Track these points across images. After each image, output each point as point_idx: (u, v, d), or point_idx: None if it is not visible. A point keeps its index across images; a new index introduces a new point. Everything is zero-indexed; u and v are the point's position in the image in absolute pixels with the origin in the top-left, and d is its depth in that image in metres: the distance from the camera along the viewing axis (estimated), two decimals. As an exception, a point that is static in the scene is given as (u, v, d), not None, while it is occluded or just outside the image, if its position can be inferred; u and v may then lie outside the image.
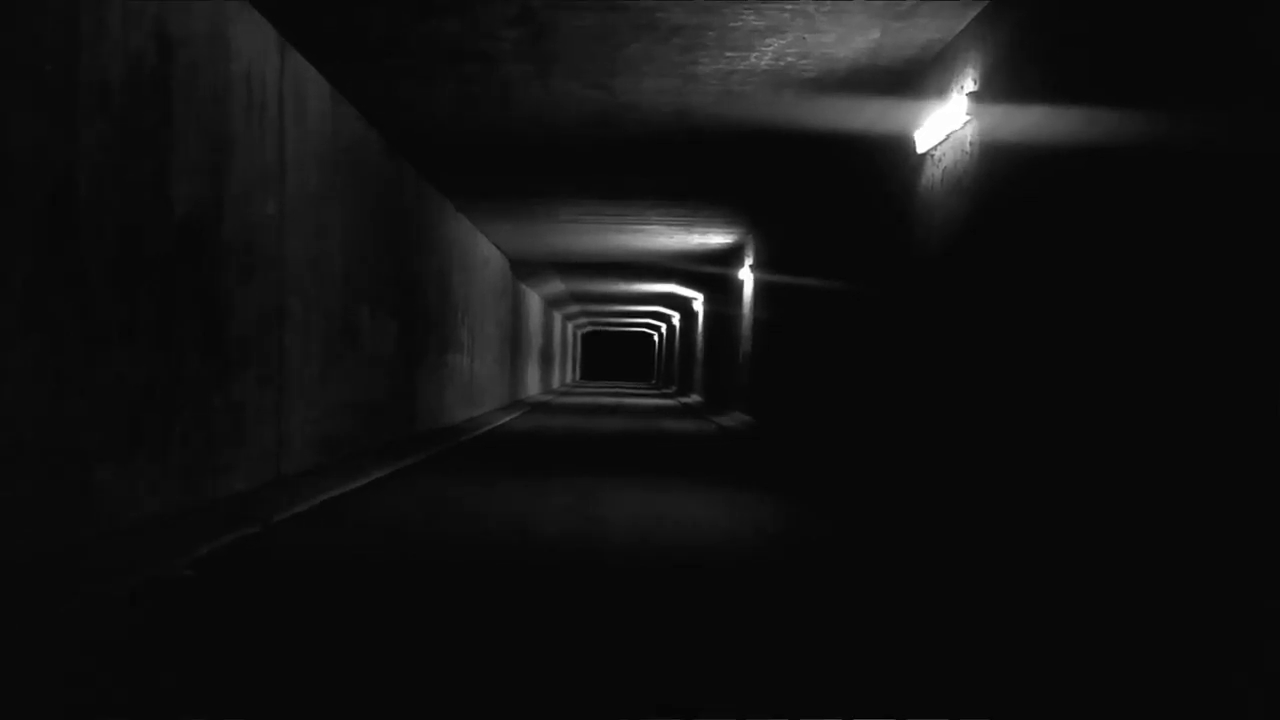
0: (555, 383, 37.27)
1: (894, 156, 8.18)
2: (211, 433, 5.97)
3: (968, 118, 6.21)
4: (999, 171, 5.84)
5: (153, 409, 5.23)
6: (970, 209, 6.32)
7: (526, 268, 22.56)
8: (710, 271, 22.06)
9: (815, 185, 11.58)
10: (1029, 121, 5.40)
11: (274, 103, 6.90)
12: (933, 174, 7.12)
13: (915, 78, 7.56)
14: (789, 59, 7.27)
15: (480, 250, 17.08)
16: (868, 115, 8.69)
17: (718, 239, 17.30)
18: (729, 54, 7.18)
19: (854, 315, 9.51)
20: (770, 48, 7.03)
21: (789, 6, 6.22)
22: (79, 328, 4.50)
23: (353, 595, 4.08)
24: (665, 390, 37.81)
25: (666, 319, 41.06)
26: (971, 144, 6.31)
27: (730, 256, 19.38)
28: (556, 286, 27.61)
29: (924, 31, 6.61)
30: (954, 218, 6.63)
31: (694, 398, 27.40)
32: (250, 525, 5.42)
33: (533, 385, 28.46)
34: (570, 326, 48.49)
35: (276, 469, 7.10)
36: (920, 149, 7.18)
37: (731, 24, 6.55)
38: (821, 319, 11.03)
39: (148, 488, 5.19)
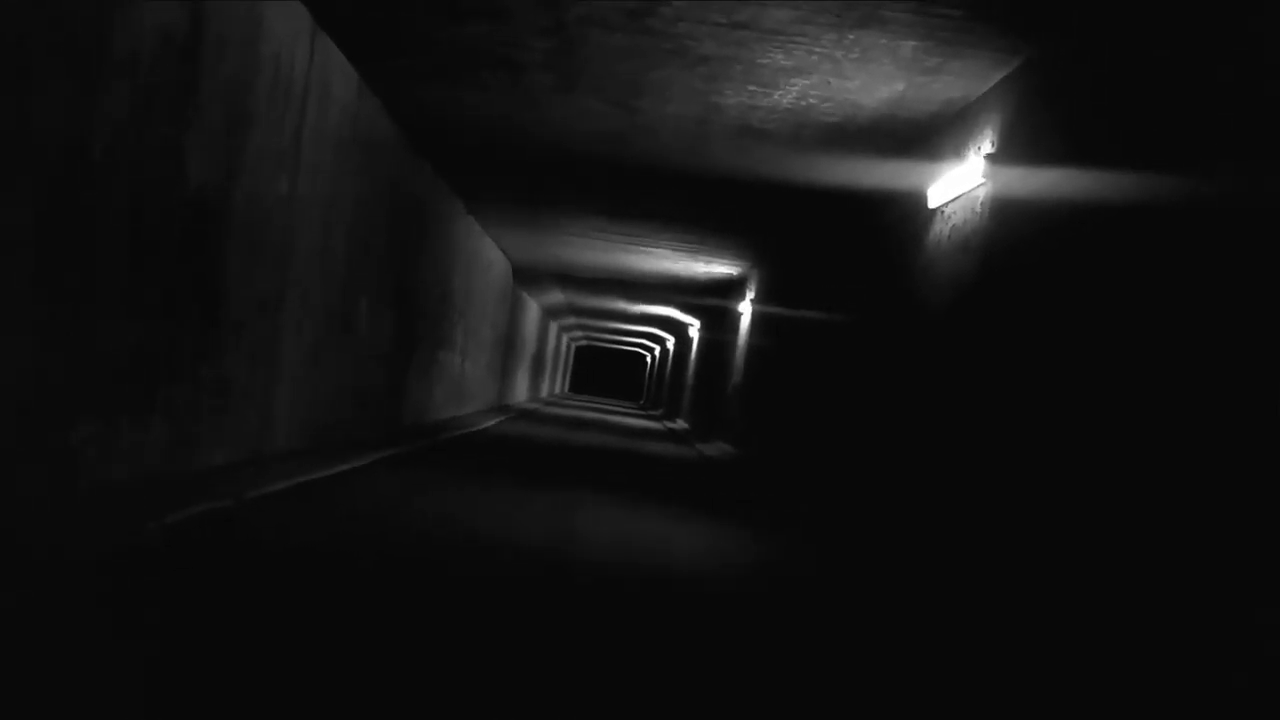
0: (544, 392, 37.25)
1: (905, 208, 8.25)
2: (197, 404, 5.97)
3: (983, 179, 6.27)
4: (1008, 234, 5.89)
5: (142, 374, 5.23)
6: (975, 267, 6.37)
7: (529, 275, 22.61)
8: (710, 299, 22.14)
9: (825, 228, 11.65)
10: (1041, 188, 5.46)
11: (300, 86, 6.94)
12: (941, 230, 7.18)
13: (934, 133, 7.63)
14: (811, 100, 7.34)
15: (485, 253, 17.12)
16: (883, 165, 8.77)
17: (722, 269, 17.37)
18: (752, 88, 7.24)
19: (850, 360, 9.55)
20: (795, 87, 7.09)
21: (818, 50, 6.28)
22: (79, 286, 4.51)
23: (312, 576, 4.07)
24: (652, 412, 37.80)
25: (661, 342, 41.11)
26: (983, 204, 6.37)
27: (732, 288, 19.45)
28: (556, 297, 27.66)
29: (948, 89, 6.68)
30: (959, 274, 6.68)
31: (680, 422, 27.40)
32: (223, 499, 5.41)
33: (521, 392, 28.45)
34: (565, 338, 48.51)
35: (257, 447, 7.09)
36: (932, 204, 7.24)
37: (759, 60, 6.61)
38: (817, 360, 11.07)
39: (127, 451, 5.18)
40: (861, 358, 9.03)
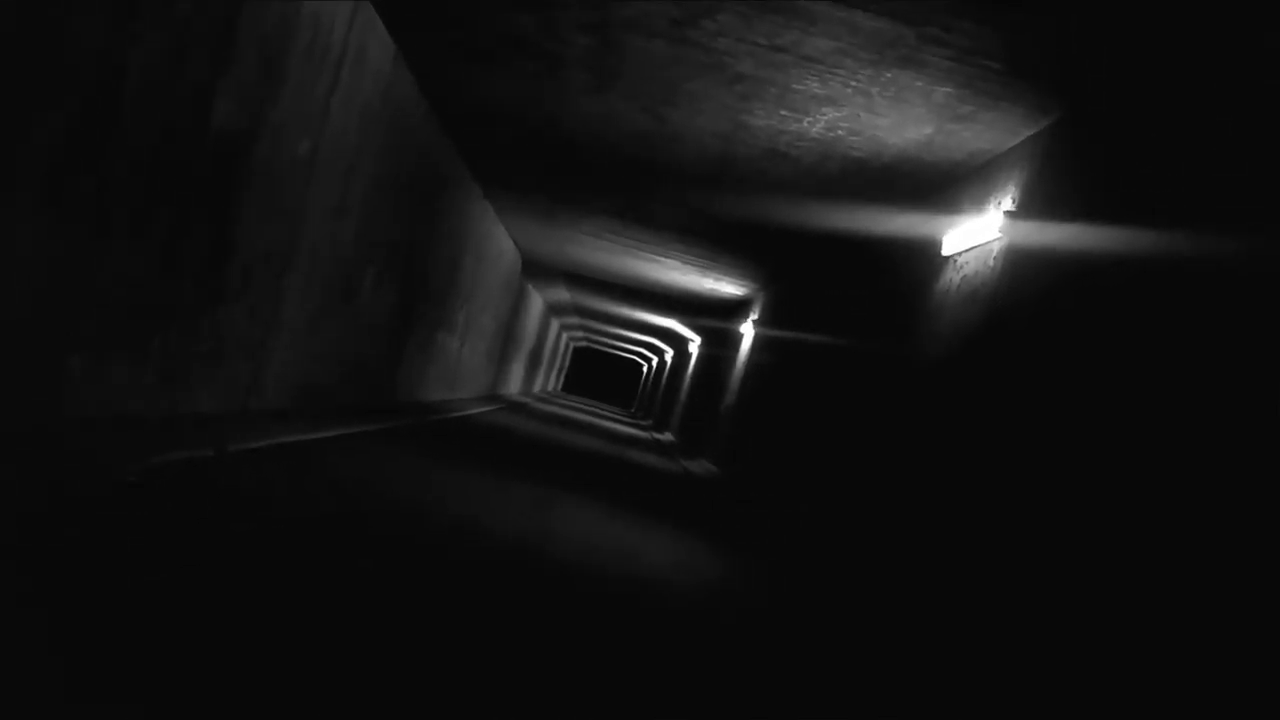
0: (536, 387, 37.26)
1: (919, 252, 8.26)
2: (192, 350, 5.96)
3: (1000, 234, 6.28)
4: (1019, 290, 5.90)
5: (141, 311, 5.22)
6: (982, 319, 6.38)
7: (537, 269, 22.62)
8: (714, 317, 22.16)
9: (837, 260, 11.67)
10: (1059, 248, 5.47)
11: (336, 49, 6.95)
12: (951, 278, 7.19)
13: (956, 181, 7.65)
14: (840, 132, 7.36)
15: (497, 241, 17.13)
16: (902, 206, 8.79)
17: (729, 288, 17.39)
18: (784, 112, 7.26)
19: (847, 395, 9.56)
20: (825, 117, 7.11)
21: (853, 83, 6.30)
22: (91, 216, 4.51)
23: (284, 537, 4.07)
24: (642, 421, 37.79)
25: (660, 353, 41.14)
26: (996, 258, 6.39)
27: (736, 309, 19.47)
28: (561, 294, 27.68)
29: (976, 139, 6.71)
30: (964, 322, 6.69)
31: (667, 435, 27.39)
32: (205, 448, 5.40)
33: (514, 384, 28.44)
34: (565, 337, 48.52)
35: (246, 401, 7.08)
36: (946, 251, 7.26)
37: (794, 85, 6.63)
38: (812, 390, 11.08)
39: (118, 388, 5.18)
40: (858, 394, 9.04)
